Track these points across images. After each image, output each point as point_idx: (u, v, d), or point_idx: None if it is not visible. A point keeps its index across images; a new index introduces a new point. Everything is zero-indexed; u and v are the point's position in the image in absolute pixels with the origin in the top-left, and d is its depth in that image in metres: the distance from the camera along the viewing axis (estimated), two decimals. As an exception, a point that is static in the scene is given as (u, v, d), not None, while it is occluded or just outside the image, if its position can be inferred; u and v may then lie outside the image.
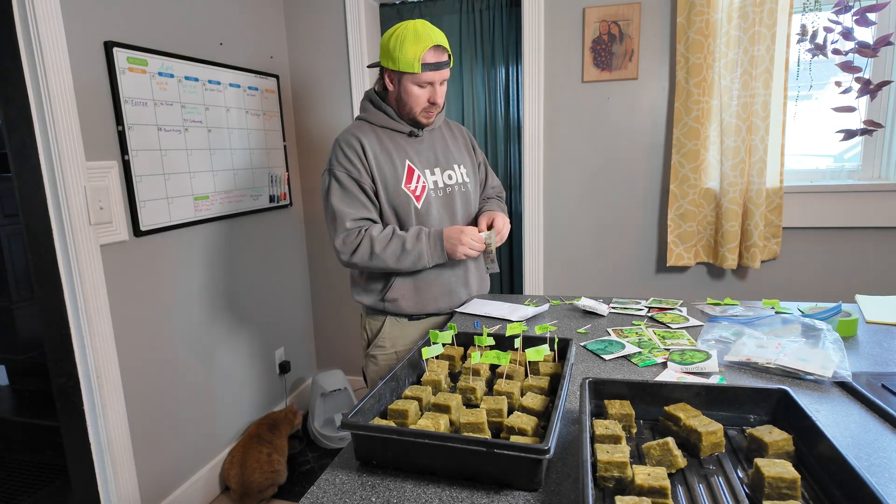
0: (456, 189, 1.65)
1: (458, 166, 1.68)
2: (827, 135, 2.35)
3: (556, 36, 2.49)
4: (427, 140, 1.64)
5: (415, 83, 1.50)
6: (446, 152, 1.67)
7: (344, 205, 1.51)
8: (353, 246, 1.49)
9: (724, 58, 2.28)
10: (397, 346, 1.66)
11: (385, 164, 1.54)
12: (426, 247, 1.50)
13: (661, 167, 2.48)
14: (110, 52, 1.80)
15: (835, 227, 2.34)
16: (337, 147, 1.55)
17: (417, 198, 1.57)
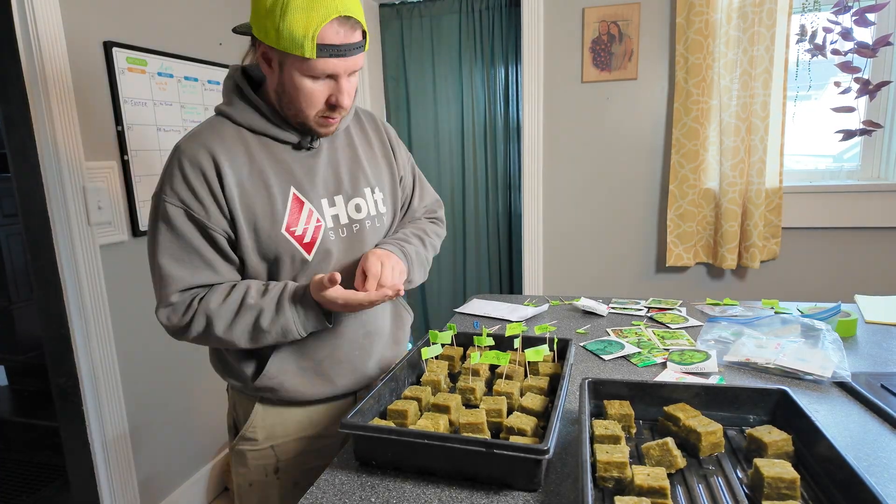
0: (366, 224, 1.12)
1: (372, 190, 1.14)
2: (826, 135, 2.35)
3: (556, 36, 2.49)
4: (325, 153, 1.08)
5: (306, 74, 0.94)
6: (354, 170, 1.12)
7: (173, 262, 1.00)
8: (183, 323, 1.00)
9: (724, 58, 2.28)
10: (275, 439, 1.12)
11: (255, 194, 0.99)
12: (293, 318, 0.99)
13: (660, 167, 2.48)
14: (109, 52, 1.80)
15: (834, 228, 2.35)
16: (175, 164, 0.98)
17: (307, 246, 1.04)
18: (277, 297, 0.99)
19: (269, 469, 1.13)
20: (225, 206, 0.98)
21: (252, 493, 1.15)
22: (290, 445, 1.13)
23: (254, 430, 1.12)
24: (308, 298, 0.98)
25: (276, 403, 1.11)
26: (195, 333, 1.00)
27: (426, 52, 2.87)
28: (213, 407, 2.35)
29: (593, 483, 0.73)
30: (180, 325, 1.00)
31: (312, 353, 1.09)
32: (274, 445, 1.13)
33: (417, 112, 2.96)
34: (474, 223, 3.00)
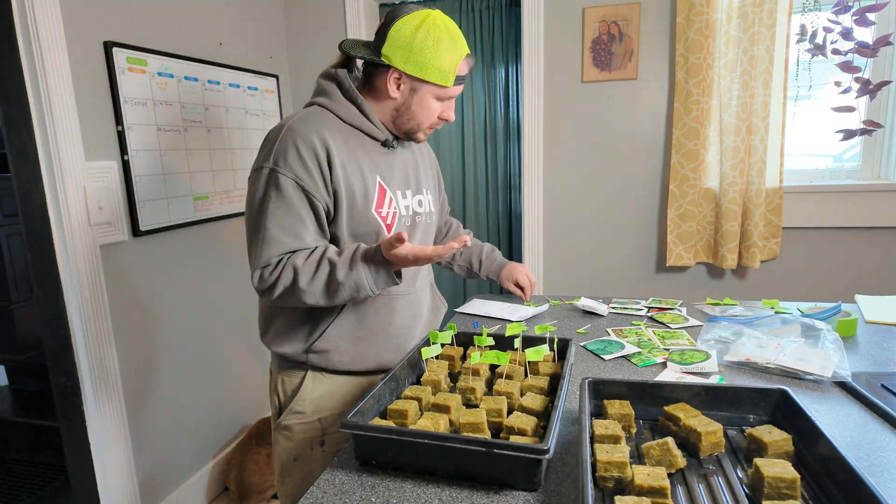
0: (424, 219, 1.33)
1: (427, 192, 1.35)
2: (826, 135, 2.35)
3: (556, 36, 2.49)
4: (400, 154, 1.29)
5: (438, 97, 1.18)
6: (417, 173, 1.33)
7: (280, 228, 1.11)
8: (273, 279, 1.10)
9: (724, 58, 2.28)
10: (322, 412, 1.22)
11: (353, 176, 1.15)
12: (365, 273, 1.09)
13: (660, 167, 2.48)
14: (110, 52, 1.80)
15: (834, 227, 2.35)
16: (290, 142, 1.12)
17: (388, 227, 1.22)
18: (351, 254, 1.10)
19: (315, 442, 1.22)
20: (330, 184, 1.13)
21: (297, 469, 1.24)
22: (335, 418, 1.23)
23: (303, 402, 1.22)
24: (379, 256, 1.08)
25: (327, 372, 1.23)
26: (282, 288, 1.10)
27: (426, 52, 2.87)
28: (214, 406, 2.35)
29: (593, 483, 0.73)
30: (270, 280, 1.11)
31: (369, 325, 1.22)
32: (321, 418, 1.22)
33: (417, 112, 2.96)
34: (474, 223, 3.00)
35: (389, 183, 1.23)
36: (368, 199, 1.18)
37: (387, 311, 1.24)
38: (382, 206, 1.20)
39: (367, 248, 1.11)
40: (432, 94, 1.18)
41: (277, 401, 1.27)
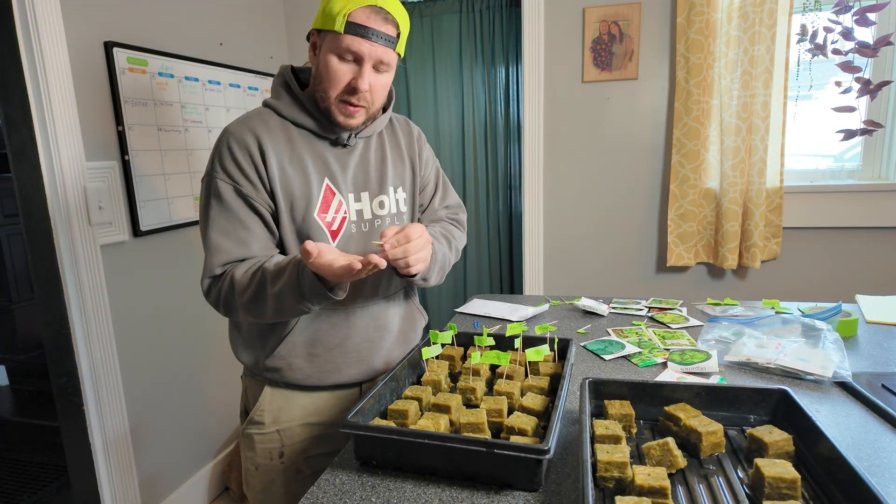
0: (386, 222, 1.20)
1: (395, 190, 1.22)
2: (827, 135, 2.35)
3: (556, 36, 2.49)
4: (359, 151, 1.17)
5: (335, 51, 1.02)
6: (382, 171, 1.20)
7: (222, 235, 1.06)
8: (213, 295, 1.08)
9: (724, 58, 2.28)
10: (280, 423, 1.18)
11: (294, 177, 1.08)
12: (292, 288, 0.97)
13: (661, 167, 2.48)
14: (110, 52, 1.80)
15: (835, 227, 2.34)
16: (224, 145, 1.07)
17: (333, 233, 1.12)
18: (284, 266, 1.00)
19: (274, 453, 1.19)
20: (268, 184, 1.07)
21: (258, 477, 1.21)
22: (294, 431, 1.18)
23: (262, 413, 1.18)
24: (308, 269, 0.95)
25: (283, 387, 1.18)
26: (223, 303, 1.07)
27: (426, 52, 2.87)
28: (214, 406, 2.35)
29: (594, 483, 0.73)
30: (213, 294, 1.08)
31: (324, 341, 1.15)
32: (280, 430, 1.18)
33: (418, 112, 2.96)
34: (475, 223, 3.00)
35: (340, 185, 1.13)
36: (310, 202, 1.09)
37: (344, 326, 1.15)
38: (327, 211, 1.11)
39: (293, 258, 1.01)
40: (330, 51, 1.03)
41: (244, 407, 1.24)
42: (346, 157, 1.16)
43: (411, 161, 1.28)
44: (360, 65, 1.04)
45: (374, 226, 1.18)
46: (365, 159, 1.18)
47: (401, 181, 1.25)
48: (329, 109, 1.08)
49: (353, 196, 1.16)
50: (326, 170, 1.12)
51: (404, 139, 1.28)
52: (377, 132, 1.21)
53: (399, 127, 1.29)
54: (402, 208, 1.24)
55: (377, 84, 1.07)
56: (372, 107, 1.10)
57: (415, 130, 1.33)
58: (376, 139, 1.22)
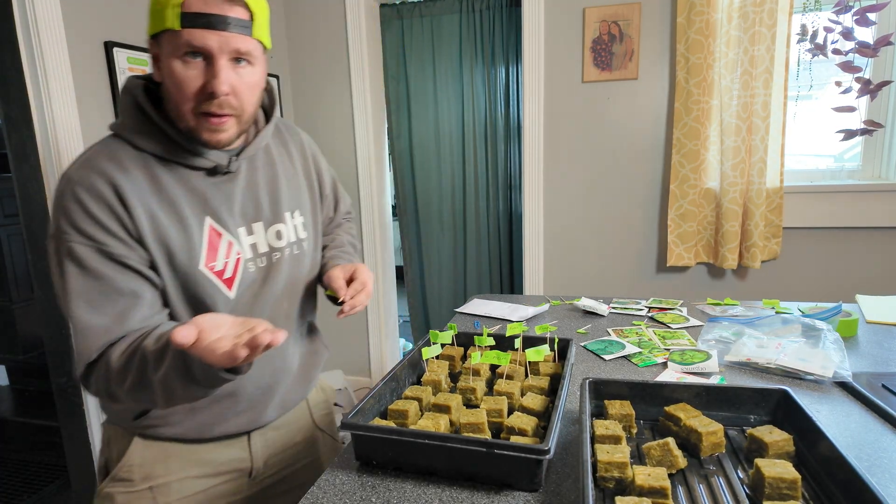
0: (285, 253, 1.03)
1: (293, 214, 1.05)
2: (827, 135, 2.35)
3: (556, 36, 2.49)
4: (244, 175, 0.97)
5: (176, 54, 0.82)
6: (274, 195, 1.02)
7: (92, 312, 0.84)
8: (94, 387, 0.86)
9: (724, 58, 2.28)
10: (154, 479, 0.97)
11: (169, 226, 0.87)
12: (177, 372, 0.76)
13: (661, 167, 2.48)
14: (110, 52, 1.80)
15: (835, 227, 2.34)
16: (70, 197, 0.83)
17: (229, 281, 0.94)
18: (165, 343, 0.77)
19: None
20: (136, 237, 0.85)
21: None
22: (172, 487, 0.98)
23: (129, 469, 0.96)
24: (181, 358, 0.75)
25: (157, 439, 0.98)
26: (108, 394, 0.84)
27: (426, 52, 2.87)
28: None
29: (594, 483, 0.73)
30: (98, 387, 0.85)
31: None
32: (153, 486, 0.97)
33: (418, 112, 2.96)
34: (475, 223, 3.00)
35: (227, 221, 0.94)
36: (193, 252, 0.89)
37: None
38: (216, 258, 0.91)
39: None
40: (171, 55, 0.82)
41: (105, 462, 1.01)
42: (230, 186, 0.95)
43: (308, 179, 1.11)
44: (210, 63, 0.82)
45: (271, 260, 1.00)
46: (252, 184, 0.99)
47: (297, 203, 1.06)
48: (190, 129, 0.86)
49: (245, 229, 0.96)
50: (207, 207, 0.91)
51: (297, 151, 1.11)
52: (261, 147, 1.01)
53: (290, 139, 1.11)
54: (301, 234, 1.06)
55: (241, 84, 0.85)
56: (243, 113, 0.88)
57: (305, 139, 1.15)
58: (263, 156, 1.02)
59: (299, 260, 1.06)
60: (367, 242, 2.90)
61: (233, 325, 0.72)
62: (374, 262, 2.92)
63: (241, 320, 0.73)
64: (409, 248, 3.17)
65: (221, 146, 0.90)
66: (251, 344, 0.66)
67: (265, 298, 0.99)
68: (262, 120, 1.04)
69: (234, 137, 0.91)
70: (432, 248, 3.11)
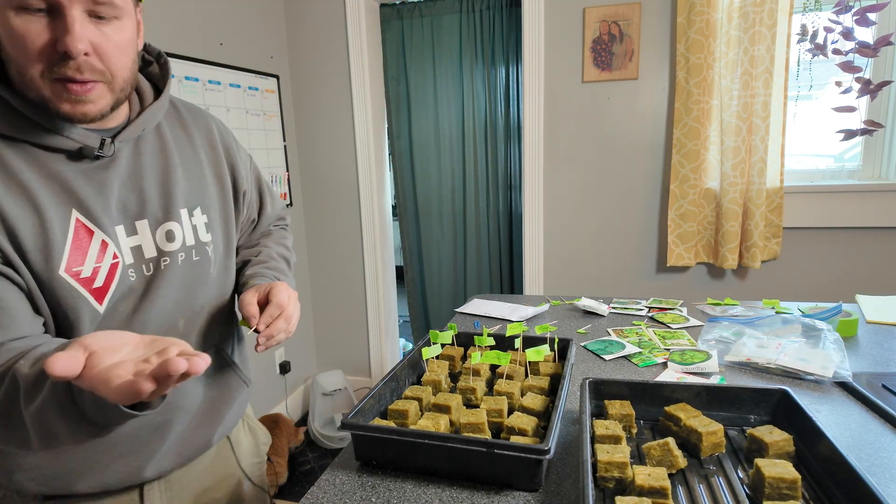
0: (178, 259, 0.84)
1: (192, 212, 0.86)
2: (827, 135, 2.35)
3: (557, 36, 2.49)
4: (125, 161, 0.80)
5: (7, 3, 0.65)
6: (167, 186, 0.84)
7: None
8: None
9: (725, 58, 2.28)
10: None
11: (19, 219, 0.70)
12: (53, 409, 0.61)
13: (661, 167, 2.48)
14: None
15: (835, 227, 2.34)
16: None
17: (98, 292, 0.75)
18: (40, 369, 0.60)
19: None
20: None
21: None
22: None
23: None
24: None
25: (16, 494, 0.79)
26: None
27: (427, 52, 2.87)
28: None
29: (594, 483, 0.73)
30: None
31: None
32: None
33: (418, 112, 2.96)
34: (475, 223, 3.00)
35: (100, 216, 0.75)
36: (53, 252, 0.70)
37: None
38: (83, 261, 0.73)
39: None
40: (5, 6, 0.65)
41: None
42: (105, 175, 0.76)
43: (216, 171, 0.91)
44: (57, 15, 0.65)
45: (159, 267, 0.81)
46: (136, 173, 0.80)
47: (198, 199, 0.87)
48: (44, 101, 0.68)
49: (124, 228, 0.78)
50: (72, 198, 0.73)
51: (203, 138, 0.91)
52: (151, 128, 0.83)
53: (192, 121, 0.91)
54: (204, 237, 0.87)
55: (105, 43, 0.68)
56: (114, 79, 0.71)
57: (216, 125, 0.95)
58: (153, 140, 0.84)
59: (199, 269, 0.86)
60: (367, 242, 2.90)
61: (136, 347, 0.57)
62: (374, 262, 2.92)
63: (149, 339, 0.58)
64: (409, 248, 3.17)
65: (89, 119, 0.71)
66: (160, 373, 0.50)
67: (147, 315, 0.79)
68: (149, 94, 0.84)
69: (106, 109, 0.72)
70: (432, 248, 3.11)
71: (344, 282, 2.99)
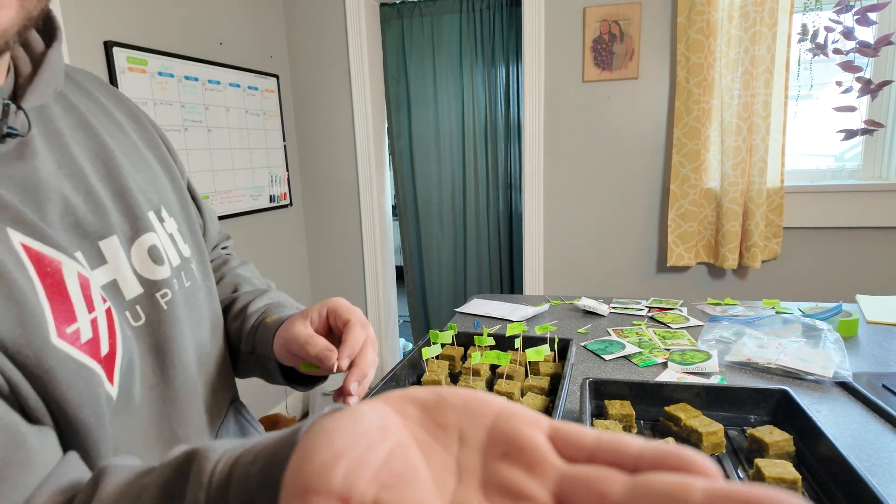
0: (175, 288, 0.56)
1: (162, 215, 0.59)
2: (827, 134, 2.35)
3: (557, 36, 2.49)
4: (45, 145, 0.48)
5: None
6: (115, 177, 0.54)
7: None
8: None
9: (725, 57, 2.28)
10: None
11: None
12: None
13: (661, 167, 2.48)
14: (110, 52, 1.80)
15: (836, 227, 2.34)
16: None
17: (108, 362, 0.44)
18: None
19: None
20: None
21: None
22: None
23: None
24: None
25: None
26: None
27: (427, 52, 2.87)
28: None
29: (594, 483, 0.73)
30: None
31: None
32: None
33: (418, 111, 2.96)
34: (475, 223, 3.00)
35: (48, 233, 0.43)
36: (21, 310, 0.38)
37: None
38: (72, 312, 0.42)
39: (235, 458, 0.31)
40: None
41: None
42: (24, 168, 0.45)
43: (156, 152, 0.63)
44: None
45: (159, 307, 0.53)
46: (67, 162, 0.49)
47: (158, 196, 0.59)
48: None
49: (85, 255, 0.48)
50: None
51: (119, 109, 0.61)
52: (58, 90, 0.52)
53: (94, 87, 0.60)
54: (184, 250, 0.61)
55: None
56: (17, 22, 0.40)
57: (123, 96, 0.65)
58: (64, 112, 0.53)
59: (195, 300, 0.60)
60: (367, 242, 2.90)
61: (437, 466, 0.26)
62: (374, 261, 2.92)
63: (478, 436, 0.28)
64: (409, 248, 3.17)
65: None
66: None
67: (173, 385, 0.54)
68: (39, 44, 0.52)
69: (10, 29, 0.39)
70: (432, 248, 3.11)
71: (344, 282, 2.98)
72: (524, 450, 0.24)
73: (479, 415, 0.26)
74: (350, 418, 0.25)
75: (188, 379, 0.57)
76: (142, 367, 0.50)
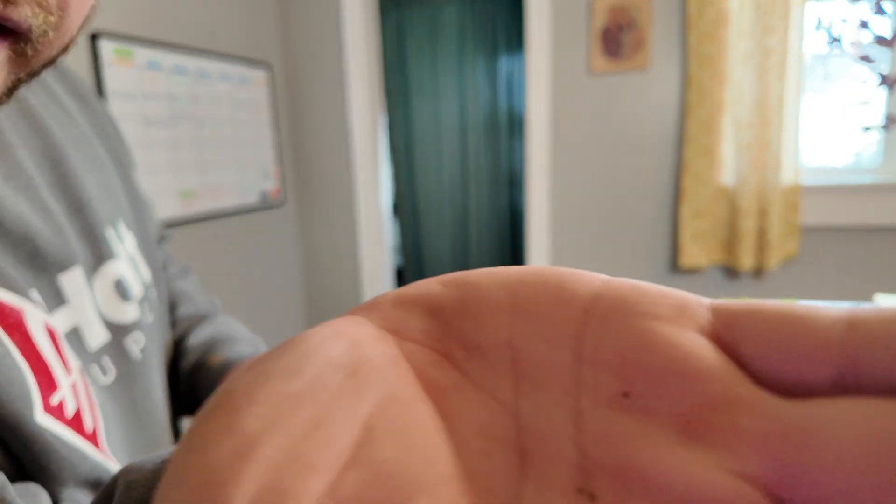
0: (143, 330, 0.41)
1: (120, 231, 0.42)
2: (845, 130, 2.28)
3: (563, 25, 2.40)
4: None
5: None
6: (69, 184, 0.37)
7: None
8: None
9: (737, 49, 2.20)
10: None
11: None
12: None
13: (672, 162, 2.40)
14: (95, 44, 1.69)
15: (854, 225, 2.27)
16: None
17: (95, 440, 0.32)
18: None
19: None
20: None
21: None
22: None
23: None
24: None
25: None
26: None
27: (426, 42, 2.77)
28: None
29: None
30: None
31: None
32: None
33: (417, 104, 2.86)
34: (476, 220, 2.91)
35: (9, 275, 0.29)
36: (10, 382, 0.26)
37: None
38: (51, 379, 0.29)
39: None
40: None
41: None
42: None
43: (108, 143, 0.47)
44: None
45: (127, 359, 0.40)
46: (12, 167, 0.33)
47: (114, 205, 0.43)
48: None
49: (42, 293, 0.32)
50: None
51: (74, 101, 0.45)
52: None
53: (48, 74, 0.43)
54: (145, 274, 0.46)
55: None
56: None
57: (93, 97, 0.48)
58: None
59: (160, 336, 0.49)
60: (366, 242, 2.81)
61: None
62: (372, 262, 2.82)
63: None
64: (409, 248, 3.08)
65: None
66: None
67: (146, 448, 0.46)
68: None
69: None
70: (432, 248, 3.02)
71: (339, 283, 2.89)
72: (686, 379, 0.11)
73: (549, 317, 0.12)
74: (290, 359, 0.12)
75: (161, 430, 0.46)
76: (116, 434, 0.39)
